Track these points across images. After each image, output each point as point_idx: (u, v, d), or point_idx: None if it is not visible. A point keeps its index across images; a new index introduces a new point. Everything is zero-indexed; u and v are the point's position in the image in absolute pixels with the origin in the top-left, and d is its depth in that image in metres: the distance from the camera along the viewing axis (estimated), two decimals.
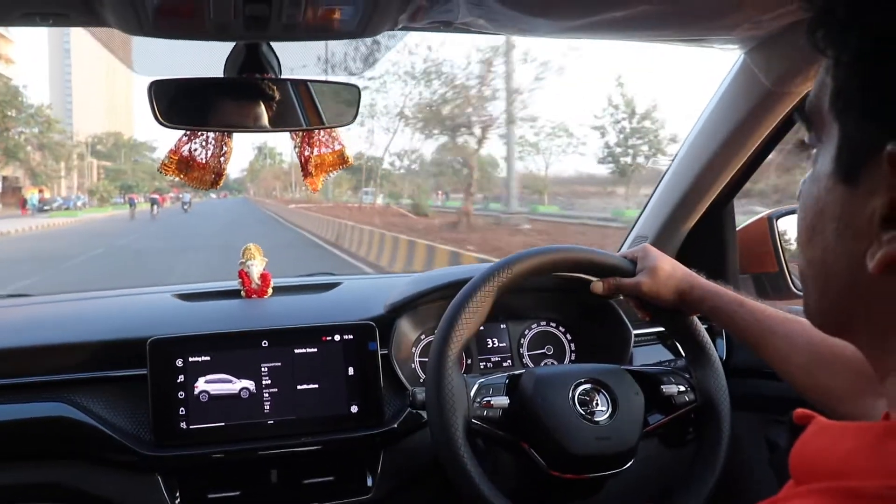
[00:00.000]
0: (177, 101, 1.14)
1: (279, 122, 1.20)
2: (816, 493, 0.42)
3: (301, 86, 1.21)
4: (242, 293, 1.57)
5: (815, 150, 0.51)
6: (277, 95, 1.18)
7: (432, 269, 1.65)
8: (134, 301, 1.65)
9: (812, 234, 0.51)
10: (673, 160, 1.65)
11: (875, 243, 0.44)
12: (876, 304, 0.47)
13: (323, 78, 1.24)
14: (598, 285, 1.22)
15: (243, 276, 1.56)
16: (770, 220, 1.61)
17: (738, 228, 1.68)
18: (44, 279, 12.09)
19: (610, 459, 1.13)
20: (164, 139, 1.23)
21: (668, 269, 1.17)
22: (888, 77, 0.42)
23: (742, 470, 1.50)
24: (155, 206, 40.83)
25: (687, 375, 1.24)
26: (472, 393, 1.13)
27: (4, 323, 1.47)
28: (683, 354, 1.30)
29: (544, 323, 1.60)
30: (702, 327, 1.25)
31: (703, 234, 1.66)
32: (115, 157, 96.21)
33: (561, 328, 1.60)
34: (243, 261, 1.57)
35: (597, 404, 1.14)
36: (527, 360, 1.57)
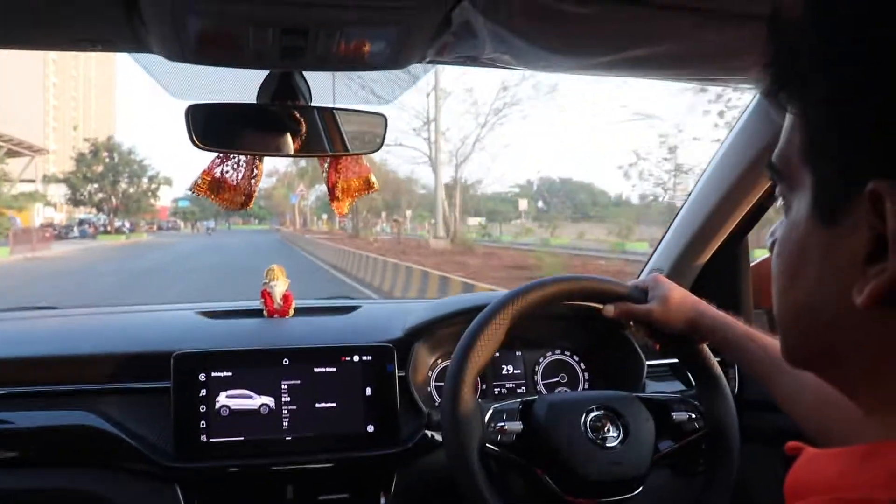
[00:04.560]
0: (211, 125, 1.20)
1: (309, 148, 1.25)
2: None
3: (330, 114, 1.27)
4: (265, 312, 1.60)
5: (784, 199, 0.52)
6: (308, 122, 1.23)
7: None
8: (159, 317, 1.69)
9: (794, 279, 0.51)
10: (689, 194, 1.68)
11: (861, 279, 0.44)
12: (866, 339, 0.47)
13: (352, 106, 1.29)
14: (609, 308, 1.25)
15: (266, 295, 1.60)
16: None
17: (752, 264, 1.70)
18: None
19: (622, 484, 1.15)
20: None
21: (679, 298, 1.20)
22: (861, 118, 0.43)
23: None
24: None
25: (697, 403, 1.25)
26: (486, 418, 1.15)
27: (33, 333, 1.52)
28: (693, 383, 1.32)
29: (559, 352, 1.62)
30: (711, 355, 1.26)
31: (718, 269, 1.68)
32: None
33: (575, 357, 1.62)
34: (266, 281, 1.61)
35: (608, 430, 1.16)
36: (541, 387, 1.59)
